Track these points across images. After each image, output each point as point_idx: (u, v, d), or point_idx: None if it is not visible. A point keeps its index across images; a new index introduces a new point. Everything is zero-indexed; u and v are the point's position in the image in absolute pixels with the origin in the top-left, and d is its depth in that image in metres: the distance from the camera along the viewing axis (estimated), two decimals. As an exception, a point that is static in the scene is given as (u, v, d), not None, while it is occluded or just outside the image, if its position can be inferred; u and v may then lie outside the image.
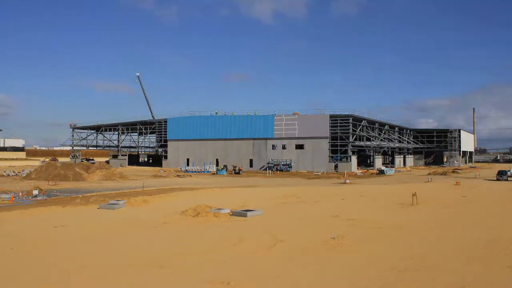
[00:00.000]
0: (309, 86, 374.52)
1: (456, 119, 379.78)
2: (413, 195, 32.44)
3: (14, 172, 76.57)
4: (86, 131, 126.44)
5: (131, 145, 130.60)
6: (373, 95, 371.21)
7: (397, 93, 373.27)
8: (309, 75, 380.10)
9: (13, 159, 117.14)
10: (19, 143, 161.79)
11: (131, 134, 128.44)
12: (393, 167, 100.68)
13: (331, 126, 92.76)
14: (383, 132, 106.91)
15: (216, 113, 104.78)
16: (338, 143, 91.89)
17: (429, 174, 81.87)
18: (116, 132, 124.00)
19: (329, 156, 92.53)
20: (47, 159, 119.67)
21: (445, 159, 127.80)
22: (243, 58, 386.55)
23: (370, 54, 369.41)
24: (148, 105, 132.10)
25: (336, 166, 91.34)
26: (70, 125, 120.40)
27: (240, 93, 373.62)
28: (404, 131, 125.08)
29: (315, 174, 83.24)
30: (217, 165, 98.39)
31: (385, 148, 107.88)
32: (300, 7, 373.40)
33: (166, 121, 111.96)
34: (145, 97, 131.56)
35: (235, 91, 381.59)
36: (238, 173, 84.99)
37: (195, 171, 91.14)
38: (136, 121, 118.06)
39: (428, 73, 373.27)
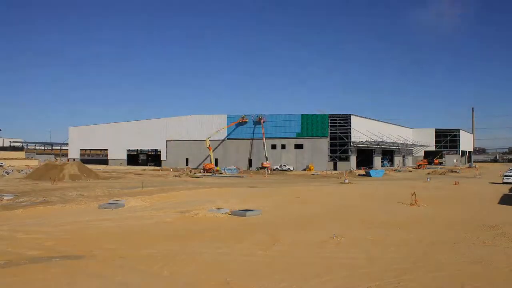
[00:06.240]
0: (309, 85, 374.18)
1: (455, 118, 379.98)
2: (412, 195, 32.45)
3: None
4: (85, 131, 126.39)
5: (130, 145, 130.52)
6: (372, 93, 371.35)
7: (397, 92, 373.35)
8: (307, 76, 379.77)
9: (12, 158, 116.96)
10: (18, 142, 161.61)
11: (130, 134, 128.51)
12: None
13: (331, 126, 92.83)
14: (382, 131, 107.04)
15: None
16: (338, 143, 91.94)
17: (428, 174, 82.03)
18: (115, 132, 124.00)
19: (328, 156, 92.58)
20: (47, 159, 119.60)
21: (443, 159, 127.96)
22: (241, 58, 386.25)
23: (369, 52, 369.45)
24: None
25: (335, 166, 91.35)
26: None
27: (238, 92, 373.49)
28: (404, 130, 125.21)
29: (314, 174, 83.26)
30: (216, 165, 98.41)
31: (385, 148, 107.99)
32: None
33: (166, 121, 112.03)
34: None
35: (233, 91, 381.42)
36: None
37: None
38: (135, 121, 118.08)
39: (427, 73, 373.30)
